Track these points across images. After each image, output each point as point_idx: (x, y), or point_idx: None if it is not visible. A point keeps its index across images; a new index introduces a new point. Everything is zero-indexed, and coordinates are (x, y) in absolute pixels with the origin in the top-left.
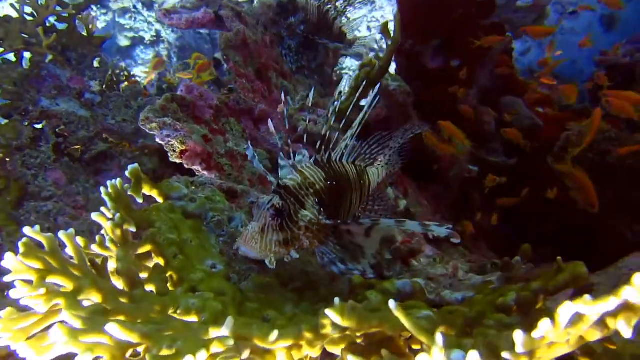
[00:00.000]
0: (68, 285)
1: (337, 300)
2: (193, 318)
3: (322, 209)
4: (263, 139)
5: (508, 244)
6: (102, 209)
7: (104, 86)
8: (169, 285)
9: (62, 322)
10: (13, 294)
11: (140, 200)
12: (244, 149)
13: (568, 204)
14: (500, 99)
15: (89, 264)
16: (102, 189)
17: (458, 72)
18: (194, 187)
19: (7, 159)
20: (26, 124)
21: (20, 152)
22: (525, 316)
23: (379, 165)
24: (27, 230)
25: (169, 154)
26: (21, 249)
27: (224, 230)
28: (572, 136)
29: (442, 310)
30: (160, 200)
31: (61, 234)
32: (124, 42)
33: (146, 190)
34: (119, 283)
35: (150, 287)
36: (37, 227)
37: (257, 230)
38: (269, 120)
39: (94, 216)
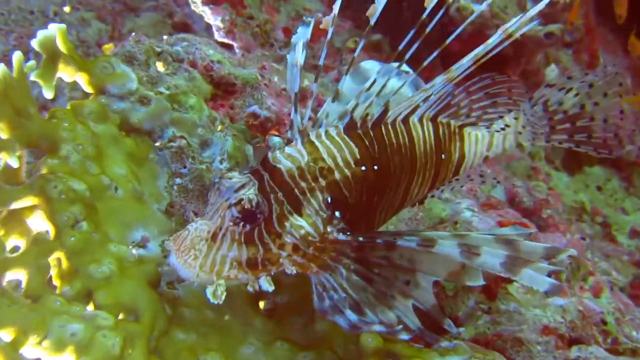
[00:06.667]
0: None
1: None
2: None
3: (337, 214)
4: None
5: None
6: None
7: None
8: (54, 275)
9: None
10: None
11: (50, 95)
12: None
13: None
14: None
15: None
16: None
17: None
18: (160, 65)
19: None
20: None
21: None
22: None
23: (500, 128)
24: None
25: None
26: None
27: (185, 165)
28: None
29: None
30: (89, 91)
31: None
32: None
33: (68, 73)
34: None
35: (19, 272)
36: None
37: (203, 235)
38: None
39: None
